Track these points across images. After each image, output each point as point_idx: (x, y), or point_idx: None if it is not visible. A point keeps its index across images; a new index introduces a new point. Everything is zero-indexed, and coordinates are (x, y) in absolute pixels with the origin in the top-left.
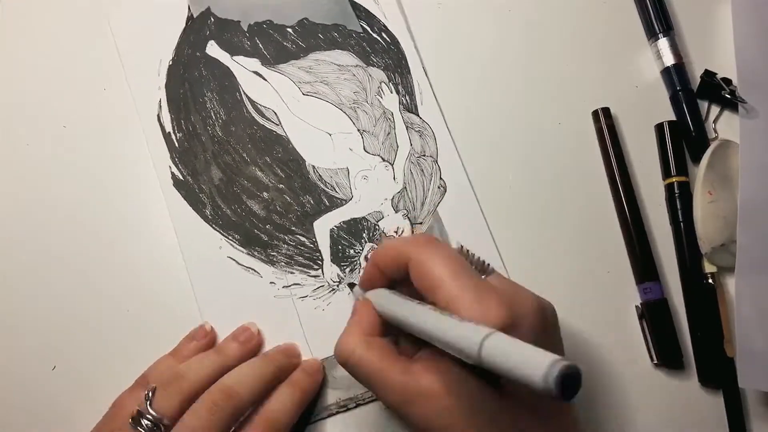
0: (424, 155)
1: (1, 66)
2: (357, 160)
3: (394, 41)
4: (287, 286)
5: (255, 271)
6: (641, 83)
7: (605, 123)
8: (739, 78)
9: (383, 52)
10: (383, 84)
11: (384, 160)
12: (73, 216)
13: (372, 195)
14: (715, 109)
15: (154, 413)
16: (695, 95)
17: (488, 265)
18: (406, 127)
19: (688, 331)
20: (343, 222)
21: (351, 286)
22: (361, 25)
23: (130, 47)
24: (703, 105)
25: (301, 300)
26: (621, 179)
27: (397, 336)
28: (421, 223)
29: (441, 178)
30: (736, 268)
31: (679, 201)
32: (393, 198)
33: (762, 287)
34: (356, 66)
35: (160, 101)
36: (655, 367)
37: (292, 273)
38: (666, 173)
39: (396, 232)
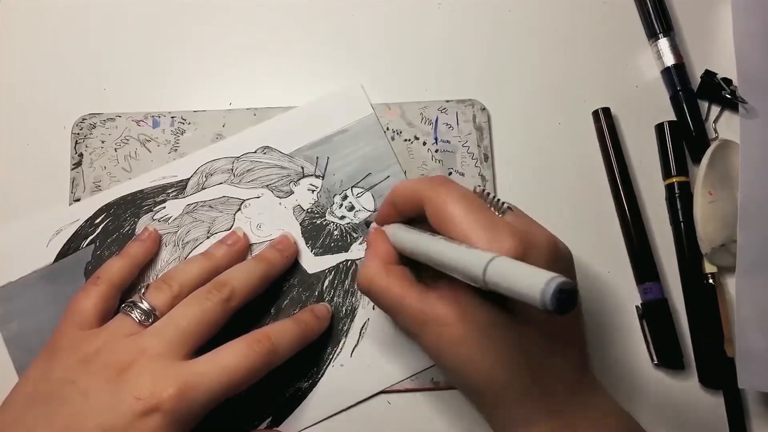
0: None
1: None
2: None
3: None
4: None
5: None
6: (641, 83)
7: (605, 123)
8: (739, 78)
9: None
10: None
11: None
12: None
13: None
14: (715, 109)
15: (147, 303)
16: (695, 95)
17: (504, 203)
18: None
19: (688, 331)
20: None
21: (367, 224)
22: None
23: None
24: (704, 105)
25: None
26: (621, 179)
27: (418, 269)
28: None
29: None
30: (736, 268)
31: (680, 201)
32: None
33: (762, 287)
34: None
35: None
36: (655, 367)
37: None
38: (666, 173)
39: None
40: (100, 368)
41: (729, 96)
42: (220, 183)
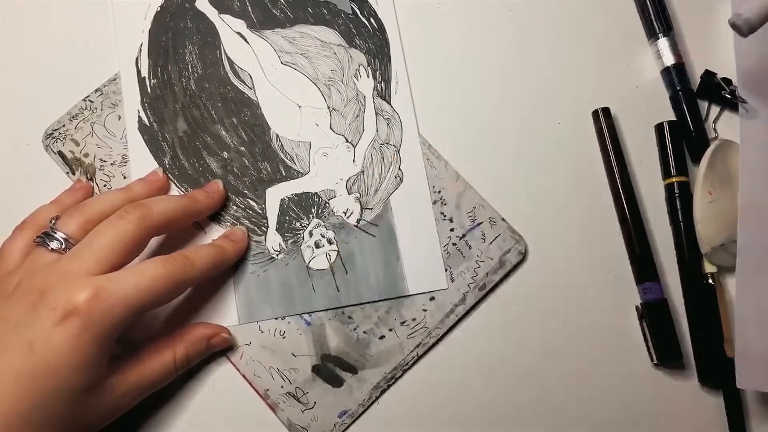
0: (388, 143)
1: None
2: (321, 136)
3: (381, 28)
4: None
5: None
6: (641, 83)
7: (605, 123)
8: (739, 78)
9: (368, 37)
10: (362, 67)
11: (347, 141)
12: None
13: (329, 173)
14: (715, 109)
15: (59, 231)
16: (695, 95)
17: None
18: (376, 113)
19: (688, 331)
20: (295, 194)
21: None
22: (351, 6)
23: None
24: (703, 105)
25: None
26: (621, 179)
27: None
28: (371, 209)
29: (400, 169)
30: (736, 268)
31: (679, 201)
32: (349, 180)
33: (762, 287)
34: (339, 45)
35: (141, 45)
36: (655, 367)
37: None
38: (666, 173)
39: (345, 213)
40: (20, 296)
41: (729, 96)
42: None
